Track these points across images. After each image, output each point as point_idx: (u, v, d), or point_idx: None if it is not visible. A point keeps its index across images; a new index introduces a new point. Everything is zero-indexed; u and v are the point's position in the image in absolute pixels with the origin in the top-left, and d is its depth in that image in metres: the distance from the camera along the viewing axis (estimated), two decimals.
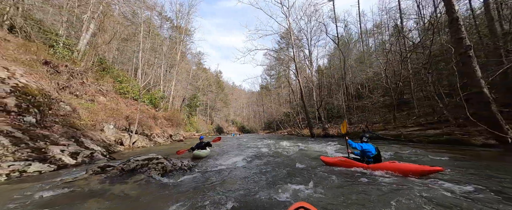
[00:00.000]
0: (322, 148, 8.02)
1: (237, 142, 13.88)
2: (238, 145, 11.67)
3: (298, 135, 19.48)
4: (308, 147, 8.46)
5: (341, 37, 25.12)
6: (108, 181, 2.72)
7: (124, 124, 11.05)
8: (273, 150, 6.93)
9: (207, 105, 53.16)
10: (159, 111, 17.91)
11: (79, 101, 9.88)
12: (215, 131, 48.73)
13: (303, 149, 7.18)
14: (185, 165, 3.96)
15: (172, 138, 15.14)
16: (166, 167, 3.34)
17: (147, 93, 18.37)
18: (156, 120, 14.96)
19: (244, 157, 6.41)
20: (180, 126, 17.36)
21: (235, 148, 10.01)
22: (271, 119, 42.25)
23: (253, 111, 71.71)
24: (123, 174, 2.93)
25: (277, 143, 11.21)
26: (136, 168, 3.07)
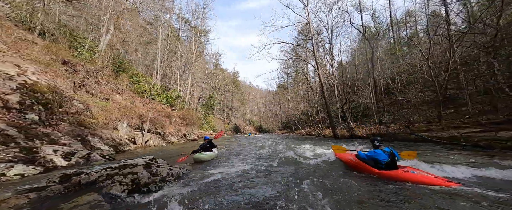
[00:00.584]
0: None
1: (251, 142, 12.91)
2: (250, 145, 10.69)
3: (318, 135, 17.80)
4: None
5: (367, 28, 22.54)
6: (37, 204, 1.91)
7: (137, 123, 10.86)
8: (290, 155, 5.80)
9: (224, 105, 53.47)
10: (175, 110, 17.83)
11: (94, 100, 9.88)
12: (232, 130, 48.68)
13: (327, 153, 5.87)
14: (172, 173, 3.06)
15: (186, 137, 14.80)
16: (140, 179, 2.45)
17: (163, 93, 18.44)
18: (170, 119, 14.76)
19: (255, 162, 5.36)
20: (194, 125, 17.06)
21: (247, 149, 9.04)
22: (288, 118, 40.57)
23: (270, 110, 70.43)
24: (71, 190, 2.14)
25: (296, 145, 9.93)
26: (97, 181, 2.26)
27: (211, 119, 37.77)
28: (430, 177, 2.70)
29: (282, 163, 5.15)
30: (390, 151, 3.34)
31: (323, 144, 10.18)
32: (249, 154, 7.24)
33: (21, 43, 9.38)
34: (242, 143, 12.50)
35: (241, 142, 14.11)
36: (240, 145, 11.35)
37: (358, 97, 22.39)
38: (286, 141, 13.78)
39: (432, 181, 2.62)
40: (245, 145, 11.47)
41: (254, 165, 4.97)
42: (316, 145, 8.85)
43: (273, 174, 4.00)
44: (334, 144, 6.86)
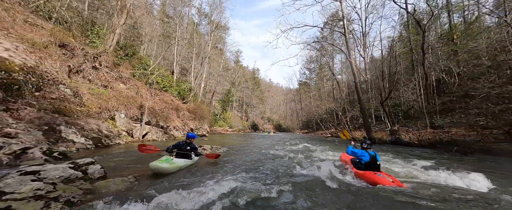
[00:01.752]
0: (422, 173, 4.00)
1: (264, 142, 10.77)
2: (259, 147, 8.54)
3: (347, 138, 14.73)
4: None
5: (416, 8, 18.06)
6: None
7: (136, 114, 9.64)
8: (316, 174, 3.54)
9: (243, 101, 52.18)
10: (186, 103, 16.67)
11: (90, 86, 8.91)
12: (250, 128, 47.14)
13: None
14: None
15: (193, 131, 13.35)
16: None
17: (177, 85, 17.43)
18: (178, 112, 13.50)
19: (253, 177, 3.23)
20: (204, 120, 15.65)
21: (255, 151, 6.93)
22: (310, 117, 37.15)
23: (290, 109, 66.99)
24: None
25: (320, 151, 7.50)
26: None
27: (228, 115, 36.66)
28: (388, 181, 3.02)
29: (300, 187, 2.91)
30: (373, 155, 3.59)
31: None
32: (251, 160, 5.14)
33: (25, 26, 8.87)
34: (252, 142, 10.47)
35: (253, 140, 12.09)
36: (249, 144, 9.33)
37: (399, 94, 18.31)
38: (308, 143, 11.28)
39: (389, 183, 2.97)
40: (256, 145, 9.39)
41: (251, 181, 2.85)
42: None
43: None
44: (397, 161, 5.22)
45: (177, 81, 18.70)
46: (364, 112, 11.63)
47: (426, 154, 7.13)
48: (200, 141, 10.62)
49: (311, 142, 11.60)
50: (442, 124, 13.04)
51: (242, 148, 7.74)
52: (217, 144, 9.12)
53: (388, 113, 11.46)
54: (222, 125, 30.57)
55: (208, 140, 11.85)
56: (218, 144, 8.85)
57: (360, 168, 3.59)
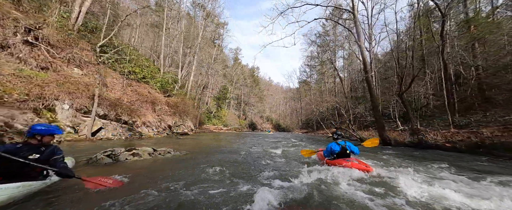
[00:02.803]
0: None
1: (250, 143, 8.50)
2: (237, 152, 6.31)
3: (352, 138, 12.42)
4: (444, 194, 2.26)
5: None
6: None
7: (87, 104, 7.40)
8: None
9: (241, 99, 49.96)
10: (170, 96, 14.43)
11: (20, 67, 6.69)
12: (247, 127, 44.93)
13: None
14: None
15: (171, 129, 11.13)
16: None
17: (158, 77, 15.18)
18: (154, 105, 11.26)
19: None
20: (188, 115, 13.40)
21: (225, 161, 4.67)
22: (310, 116, 34.83)
23: (289, 108, 64.69)
24: None
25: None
26: None
27: (224, 113, 34.43)
28: (355, 163, 3.33)
29: None
30: (344, 144, 3.83)
31: (389, 161, 5.22)
32: (225, 173, 2.88)
33: None
34: (235, 144, 8.24)
35: (239, 141, 9.84)
36: (227, 147, 7.08)
37: (410, 89, 15.93)
38: (306, 143, 9.01)
39: (358, 166, 3.24)
40: (237, 147, 7.13)
41: None
42: (391, 167, 4.02)
43: None
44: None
45: (164, 74, 16.49)
46: (377, 108, 9.31)
47: (472, 161, 4.85)
48: (167, 140, 8.39)
49: (310, 143, 9.31)
50: (468, 122, 10.71)
51: (210, 154, 5.47)
52: (188, 145, 6.87)
53: (406, 108, 9.12)
54: (216, 123, 28.34)
55: (185, 138, 9.61)
56: (187, 146, 6.60)
57: (333, 158, 3.81)
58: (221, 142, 9.17)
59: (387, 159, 5.30)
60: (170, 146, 6.36)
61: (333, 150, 3.78)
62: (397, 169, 3.64)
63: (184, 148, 5.94)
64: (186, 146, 6.75)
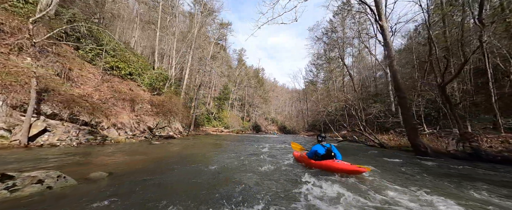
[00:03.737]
0: None
1: (235, 151, 6.51)
2: (200, 169, 4.34)
3: (368, 143, 10.09)
4: None
5: None
6: None
7: (24, 99, 5.72)
8: None
9: (245, 100, 48.16)
10: (159, 94, 12.79)
11: None
12: (251, 129, 42.96)
13: None
14: None
15: (152, 131, 9.36)
16: None
17: (147, 74, 13.60)
18: (134, 104, 9.57)
19: None
20: (176, 116, 11.61)
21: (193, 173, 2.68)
22: (318, 117, 32.32)
23: (295, 109, 62.12)
24: None
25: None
26: None
27: (226, 115, 32.68)
28: (348, 165, 3.20)
29: None
30: (328, 146, 3.81)
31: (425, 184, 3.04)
32: None
33: None
34: (216, 153, 6.31)
35: (227, 146, 7.90)
36: (204, 159, 5.16)
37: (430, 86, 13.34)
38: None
39: (349, 168, 3.13)
40: (224, 154, 5.19)
41: None
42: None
43: None
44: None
45: (153, 70, 14.93)
46: (405, 105, 7.02)
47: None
48: (133, 147, 6.59)
49: None
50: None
51: (149, 175, 3.55)
52: (142, 157, 5.02)
53: (450, 105, 6.80)
54: (217, 125, 26.58)
55: (162, 144, 7.77)
56: (138, 159, 4.76)
57: (317, 159, 3.75)
58: (203, 149, 7.25)
59: (436, 182, 3.15)
60: (122, 155, 4.52)
61: (318, 152, 3.78)
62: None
63: (122, 164, 4.07)
64: (138, 158, 4.88)
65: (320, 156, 3.68)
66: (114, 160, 4.30)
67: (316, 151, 3.74)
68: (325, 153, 3.67)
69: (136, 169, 3.74)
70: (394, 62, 7.24)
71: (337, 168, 3.20)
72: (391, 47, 7.29)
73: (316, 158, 3.75)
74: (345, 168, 3.10)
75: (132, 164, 4.13)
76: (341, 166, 3.16)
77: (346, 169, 3.09)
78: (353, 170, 3.03)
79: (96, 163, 4.04)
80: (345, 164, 3.20)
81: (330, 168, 3.32)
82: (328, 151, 3.68)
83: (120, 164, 4.06)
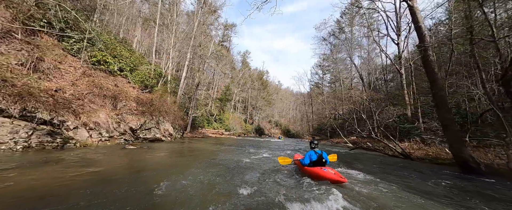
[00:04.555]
0: None
1: (233, 160, 5.05)
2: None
3: (386, 152, 8.38)
4: None
5: None
6: None
7: None
8: None
9: (248, 103, 46.82)
10: (149, 92, 11.58)
11: None
12: (254, 132, 41.43)
13: None
14: None
15: (135, 133, 8.04)
16: None
17: (138, 69, 12.46)
18: (116, 101, 8.32)
19: None
20: (167, 115, 10.28)
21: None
22: (324, 120, 30.46)
23: (300, 113, 60.23)
24: None
25: None
26: None
27: (228, 117, 31.34)
28: (330, 174, 3.40)
29: None
30: (320, 153, 3.97)
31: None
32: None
33: None
34: (216, 154, 4.87)
35: (229, 149, 6.47)
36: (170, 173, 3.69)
37: (454, 89, 11.49)
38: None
39: (332, 176, 3.33)
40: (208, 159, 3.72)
41: None
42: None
43: None
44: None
45: (144, 65, 13.79)
46: (445, 105, 5.38)
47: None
48: (97, 154, 5.24)
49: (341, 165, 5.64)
50: None
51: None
52: (81, 175, 3.63)
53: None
54: (217, 127, 25.23)
55: (141, 149, 6.41)
56: (77, 176, 3.36)
57: (309, 165, 3.93)
58: (182, 158, 5.83)
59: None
60: (53, 168, 3.16)
61: (311, 158, 3.91)
62: None
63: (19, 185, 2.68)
64: (71, 173, 3.48)
65: (313, 162, 3.88)
66: (16, 178, 2.91)
67: (310, 157, 3.93)
68: (317, 159, 3.88)
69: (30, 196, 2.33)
70: (430, 50, 5.63)
71: (324, 176, 3.39)
72: (425, 32, 5.69)
73: (309, 164, 3.94)
74: (329, 177, 3.31)
75: (33, 187, 2.73)
76: (327, 175, 3.36)
77: (330, 178, 3.29)
78: (336, 180, 3.24)
79: None
80: (330, 173, 3.39)
81: (318, 176, 3.51)
82: (319, 157, 3.90)
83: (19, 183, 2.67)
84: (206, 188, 2.93)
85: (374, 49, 29.96)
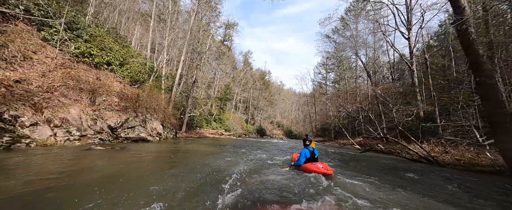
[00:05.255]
0: None
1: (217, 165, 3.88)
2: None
3: (404, 156, 7.06)
4: None
5: None
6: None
7: None
8: None
9: (249, 103, 45.69)
10: (137, 87, 10.54)
11: None
12: (255, 133, 40.20)
13: None
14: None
15: (115, 132, 6.95)
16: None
17: (128, 63, 11.46)
18: (94, 96, 7.26)
19: None
20: (155, 114, 9.17)
21: None
22: (328, 121, 29.10)
23: (302, 113, 58.81)
24: None
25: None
26: None
27: (228, 116, 30.22)
28: (319, 167, 3.79)
29: None
30: (312, 150, 4.30)
31: None
32: None
33: None
34: (205, 157, 3.65)
35: (224, 151, 5.30)
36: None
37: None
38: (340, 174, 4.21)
39: (319, 169, 3.73)
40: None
41: None
42: None
43: None
44: None
45: (142, 59, 12.78)
46: (496, 97, 4.11)
47: None
48: (102, 154, 4.12)
49: (348, 174, 4.45)
50: None
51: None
52: None
53: None
54: (217, 127, 24.12)
55: (109, 149, 5.28)
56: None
57: (303, 162, 4.20)
58: (162, 162, 4.68)
59: None
60: None
61: (306, 156, 4.20)
62: None
63: None
64: None
65: (307, 159, 4.18)
66: None
67: (305, 155, 4.21)
68: (310, 155, 4.20)
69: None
70: (472, 25, 4.36)
71: (316, 170, 3.72)
72: (463, 2, 4.44)
73: (305, 161, 4.18)
74: (321, 171, 3.68)
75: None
76: (320, 170, 3.71)
77: (322, 172, 3.66)
78: (327, 173, 3.64)
79: None
80: (321, 168, 3.76)
81: (310, 170, 3.84)
82: (312, 154, 4.23)
83: None
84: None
85: (381, 47, 28.56)
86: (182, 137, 13.02)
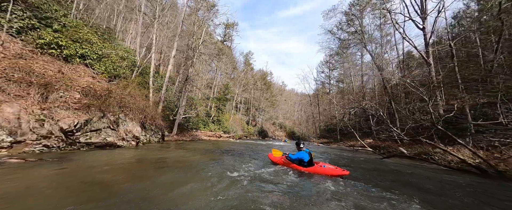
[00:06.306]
0: None
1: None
2: None
3: (435, 161, 5.30)
4: None
5: None
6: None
7: None
8: None
9: (250, 104, 44.04)
10: (115, 83, 9.02)
11: None
12: (257, 134, 38.43)
13: None
14: None
15: (72, 136, 5.36)
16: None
17: (107, 57, 9.98)
18: (48, 91, 5.72)
19: None
20: (133, 113, 7.56)
21: None
22: (332, 121, 27.18)
23: (305, 114, 56.85)
24: None
25: None
26: None
27: (227, 118, 28.59)
28: (332, 169, 3.88)
29: None
30: (309, 152, 4.37)
31: None
32: None
33: None
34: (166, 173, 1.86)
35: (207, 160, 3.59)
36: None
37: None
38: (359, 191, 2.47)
39: (334, 171, 3.81)
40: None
41: None
42: None
43: None
44: None
45: (121, 50, 11.29)
46: None
47: None
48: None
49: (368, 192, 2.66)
50: None
51: None
52: None
53: None
54: (214, 128, 22.48)
55: (32, 162, 3.67)
56: None
57: (305, 165, 4.22)
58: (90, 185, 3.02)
59: None
60: None
61: (303, 159, 4.18)
62: None
63: None
64: None
65: (306, 162, 4.18)
66: None
67: (302, 159, 4.20)
68: (309, 158, 4.23)
69: None
70: None
71: (326, 172, 3.82)
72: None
73: (303, 165, 4.19)
74: (330, 173, 3.79)
75: None
76: (329, 171, 3.83)
77: (331, 173, 3.76)
78: (337, 174, 3.75)
79: None
80: (328, 169, 3.88)
81: (321, 172, 3.89)
82: (310, 156, 4.27)
83: None
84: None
85: (388, 42, 26.70)
86: (171, 140, 11.43)
